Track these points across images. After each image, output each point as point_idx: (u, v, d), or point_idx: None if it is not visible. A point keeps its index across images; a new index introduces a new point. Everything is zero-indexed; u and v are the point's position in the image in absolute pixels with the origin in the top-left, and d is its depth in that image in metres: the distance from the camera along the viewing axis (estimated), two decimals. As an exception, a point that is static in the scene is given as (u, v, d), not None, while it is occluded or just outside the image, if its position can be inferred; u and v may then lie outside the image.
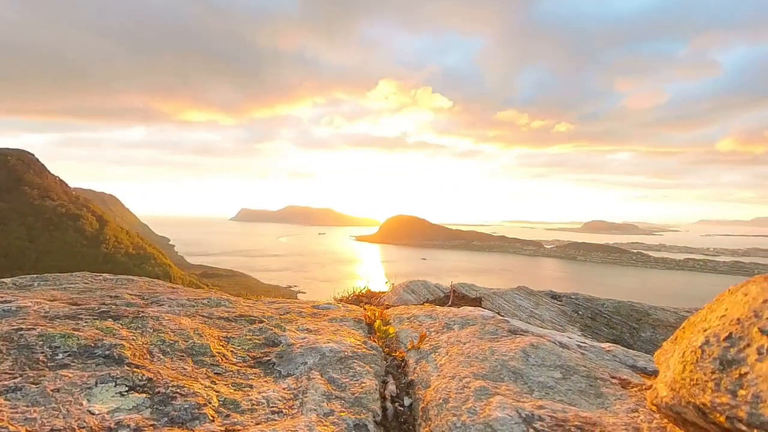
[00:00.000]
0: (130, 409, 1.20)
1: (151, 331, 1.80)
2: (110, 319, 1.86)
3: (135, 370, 1.41)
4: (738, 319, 1.02)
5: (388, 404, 1.56)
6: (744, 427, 0.85)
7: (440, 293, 5.10)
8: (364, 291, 5.36)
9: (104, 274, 3.17)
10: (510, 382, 1.57)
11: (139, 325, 1.83)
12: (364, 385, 1.60)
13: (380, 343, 2.20)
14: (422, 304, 4.44)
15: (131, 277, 3.24)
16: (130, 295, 2.45)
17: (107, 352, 1.50)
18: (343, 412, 1.37)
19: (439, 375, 1.71)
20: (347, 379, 1.63)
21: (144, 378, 1.37)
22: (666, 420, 1.23)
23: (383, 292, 5.38)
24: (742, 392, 0.88)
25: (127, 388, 1.30)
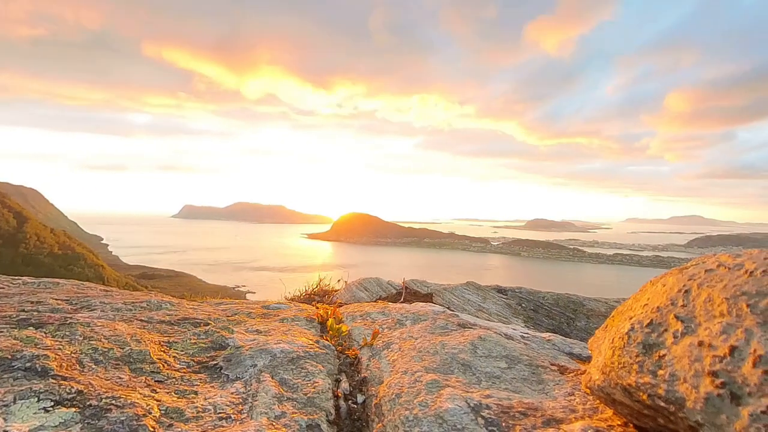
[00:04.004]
0: (56, 426, 1.09)
1: (81, 338, 1.65)
2: (31, 328, 1.68)
3: (62, 382, 1.28)
4: (658, 308, 1.13)
5: (342, 402, 1.56)
6: (662, 403, 0.95)
7: (393, 290, 5.17)
8: (316, 289, 5.29)
9: (24, 278, 2.85)
10: (459, 374, 1.64)
11: (67, 333, 1.67)
12: (316, 384, 1.58)
13: (333, 342, 2.18)
14: (375, 301, 4.47)
15: (57, 280, 2.94)
16: (56, 300, 2.22)
17: (28, 364, 1.35)
18: (296, 413, 1.35)
19: (391, 371, 1.73)
20: (299, 380, 1.61)
21: (73, 390, 1.25)
22: (598, 401, 1.35)
23: (336, 290, 5.35)
24: (661, 372, 0.99)
25: (52, 403, 1.18)
